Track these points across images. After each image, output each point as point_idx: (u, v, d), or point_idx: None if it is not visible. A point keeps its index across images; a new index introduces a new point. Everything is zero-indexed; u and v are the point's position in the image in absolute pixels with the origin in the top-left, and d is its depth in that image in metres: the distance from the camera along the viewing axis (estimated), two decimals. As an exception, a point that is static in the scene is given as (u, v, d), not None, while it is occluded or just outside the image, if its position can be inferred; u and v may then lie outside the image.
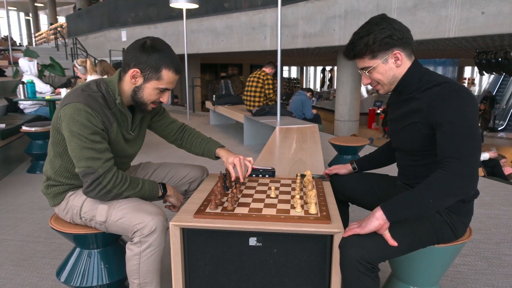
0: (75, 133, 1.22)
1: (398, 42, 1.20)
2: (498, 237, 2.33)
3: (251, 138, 4.99)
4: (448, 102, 1.12)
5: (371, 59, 1.23)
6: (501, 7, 5.04)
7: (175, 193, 1.50)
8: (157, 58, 1.28)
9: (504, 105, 16.83)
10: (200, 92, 12.64)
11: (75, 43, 12.29)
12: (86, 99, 1.25)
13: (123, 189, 1.31)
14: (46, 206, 2.76)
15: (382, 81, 1.27)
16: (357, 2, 6.81)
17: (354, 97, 9.11)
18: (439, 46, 8.23)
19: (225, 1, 9.94)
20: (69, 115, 1.22)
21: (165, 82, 1.33)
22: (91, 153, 1.24)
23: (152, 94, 1.34)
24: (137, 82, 1.32)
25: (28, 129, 3.62)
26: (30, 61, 4.91)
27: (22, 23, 31.40)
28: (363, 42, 1.20)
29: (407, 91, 1.27)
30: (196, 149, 1.66)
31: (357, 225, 1.11)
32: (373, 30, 1.19)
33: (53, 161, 1.38)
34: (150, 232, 1.26)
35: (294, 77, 30.18)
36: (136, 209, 1.30)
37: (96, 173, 1.25)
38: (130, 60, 1.30)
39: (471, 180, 1.05)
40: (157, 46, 1.30)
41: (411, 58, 1.25)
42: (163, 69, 1.30)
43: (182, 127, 1.70)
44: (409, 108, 1.26)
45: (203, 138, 1.67)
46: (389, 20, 1.21)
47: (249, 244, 1.20)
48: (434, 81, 1.20)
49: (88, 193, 1.28)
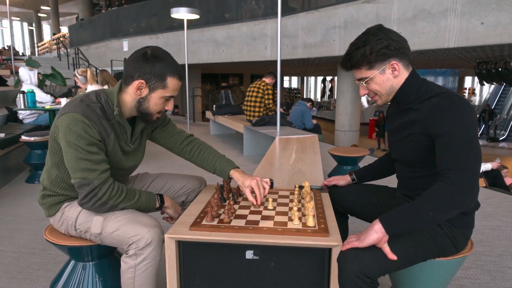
0: (71, 143, 1.21)
1: (395, 53, 1.19)
2: (500, 249, 2.29)
3: (251, 148, 4.97)
4: (447, 113, 1.11)
5: (368, 69, 1.22)
6: (500, 17, 5.07)
7: (173, 204, 1.48)
8: (161, 67, 1.27)
9: (505, 115, 16.83)
10: (200, 102, 12.68)
11: (77, 53, 12.38)
12: (84, 109, 1.24)
13: (119, 200, 1.29)
14: (44, 216, 2.72)
15: (379, 92, 1.25)
16: (357, 12, 6.86)
17: (355, 107, 9.12)
18: (439, 56, 8.26)
19: (226, 12, 10.04)
20: (66, 125, 1.21)
21: (170, 90, 1.32)
22: (87, 164, 1.22)
23: (158, 104, 1.33)
24: (143, 93, 1.31)
25: (27, 138, 3.61)
26: (30, 70, 4.93)
27: (26, 33, 31.70)
28: (360, 52, 1.19)
29: (406, 102, 1.25)
30: (208, 166, 1.56)
31: (356, 238, 1.09)
32: (370, 40, 1.19)
33: (50, 170, 1.36)
34: (145, 245, 1.24)
35: (295, 87, 30.31)
36: (132, 221, 1.28)
37: (92, 185, 1.23)
38: (133, 72, 1.28)
39: (471, 192, 1.03)
40: (159, 55, 1.29)
41: (408, 69, 1.24)
42: (168, 77, 1.29)
43: (188, 139, 1.61)
44: (407, 119, 1.24)
45: (215, 154, 1.58)
46: (385, 30, 1.20)
47: (245, 258, 1.17)
48: (432, 91, 1.19)
49: (83, 205, 1.27)
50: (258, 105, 4.83)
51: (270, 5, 8.81)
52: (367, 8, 6.70)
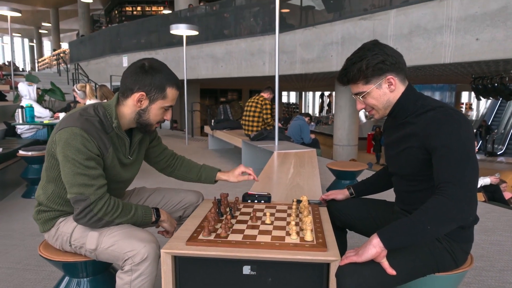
0: (69, 158, 1.20)
1: (391, 67, 1.20)
2: (501, 264, 2.27)
3: (249, 163, 4.96)
4: (443, 127, 1.11)
5: (365, 84, 1.23)
6: (494, 33, 5.14)
7: (168, 218, 1.46)
8: (160, 78, 1.29)
9: (502, 130, 16.91)
10: (199, 117, 12.71)
11: (77, 69, 12.47)
12: (83, 123, 1.24)
13: (114, 216, 1.28)
14: (39, 232, 2.70)
15: (376, 106, 1.26)
16: (354, 29, 6.96)
17: (352, 122, 9.15)
18: (436, 71, 8.35)
19: (225, 29, 10.17)
20: (64, 139, 1.21)
21: (170, 100, 1.34)
22: (84, 179, 1.21)
23: (158, 114, 1.35)
24: (143, 105, 1.32)
25: (24, 153, 3.60)
26: (29, 85, 4.95)
27: (26, 48, 31.99)
28: (356, 67, 1.21)
29: (402, 116, 1.26)
30: (193, 175, 1.70)
31: (354, 253, 1.08)
32: (366, 55, 1.20)
33: (46, 186, 1.35)
34: (141, 260, 1.22)
35: (293, 102, 30.47)
36: (128, 236, 1.26)
37: (88, 200, 1.22)
38: (133, 85, 1.29)
39: (469, 205, 1.03)
40: (157, 66, 1.31)
41: (404, 83, 1.25)
42: (168, 88, 1.31)
43: (173, 155, 1.72)
44: (404, 133, 1.25)
45: (197, 164, 1.74)
46: (381, 45, 1.22)
47: (243, 273, 1.16)
48: (428, 105, 1.20)
49: (79, 220, 1.25)
50: (256, 119, 4.84)
51: (268, 21, 8.93)
52: (363, 25, 6.80)
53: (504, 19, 5.03)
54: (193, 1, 12.15)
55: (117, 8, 21.14)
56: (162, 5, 20.01)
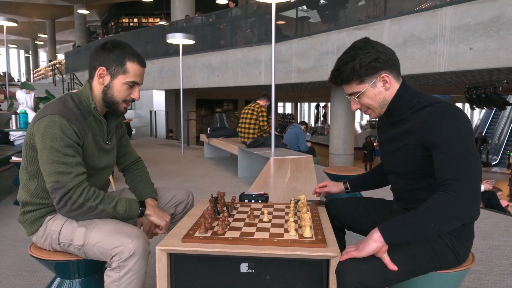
0: (47, 146, 1.19)
1: (384, 65, 1.17)
2: (501, 268, 2.24)
3: (245, 170, 4.93)
4: (442, 122, 1.09)
5: (359, 84, 1.19)
6: (488, 43, 5.21)
7: (156, 211, 1.41)
8: (119, 53, 1.31)
9: (496, 140, 17.04)
10: (195, 126, 12.69)
11: (72, 78, 12.46)
12: (62, 110, 1.24)
13: (96, 202, 1.25)
14: (30, 238, 2.64)
15: (372, 106, 1.23)
16: (349, 38, 7.02)
17: (348, 131, 9.17)
18: (430, 81, 8.43)
19: (221, 39, 10.24)
20: (42, 128, 1.20)
21: (131, 75, 1.33)
22: (61, 167, 1.19)
23: (122, 90, 1.34)
24: (105, 81, 1.33)
25: (17, 159, 3.54)
26: (27, 93, 4.92)
27: (22, 60, 31.98)
28: (349, 67, 1.17)
29: (398, 113, 1.23)
30: (133, 185, 1.59)
31: (355, 248, 1.05)
32: (358, 54, 1.17)
33: (28, 184, 1.31)
34: (129, 256, 1.18)
35: (289, 113, 30.60)
36: (115, 232, 1.22)
37: (65, 188, 1.19)
38: (94, 62, 1.32)
39: (474, 202, 1.00)
40: (118, 43, 1.34)
41: (399, 80, 1.22)
42: (127, 62, 1.32)
43: (135, 162, 1.65)
44: (400, 130, 1.22)
45: (147, 182, 1.59)
46: (373, 43, 1.19)
47: (240, 271, 1.12)
48: (424, 101, 1.17)
49: (60, 210, 1.23)
50: (252, 127, 4.83)
51: (264, 32, 9.01)
52: (358, 34, 6.87)
53: (497, 29, 5.10)
54: (189, 12, 12.24)
55: (114, 19, 21.27)
56: (158, 16, 20.15)
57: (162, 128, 11.71)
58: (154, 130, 11.63)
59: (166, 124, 11.60)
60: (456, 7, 5.50)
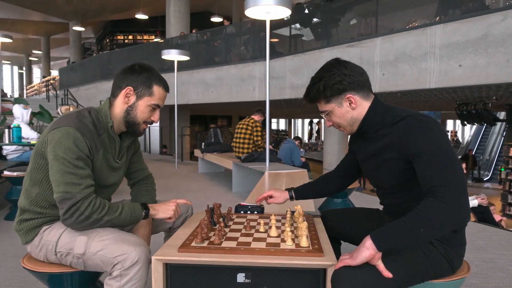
0: (59, 157, 1.20)
1: (349, 86, 1.21)
2: (496, 281, 2.25)
3: (240, 184, 4.92)
4: (419, 133, 1.12)
5: (326, 103, 1.26)
6: (476, 60, 5.34)
7: (159, 208, 1.42)
8: (147, 76, 1.36)
9: (487, 156, 17.22)
10: (189, 142, 12.69)
11: (66, 94, 12.46)
12: (78, 124, 1.25)
13: (102, 213, 1.24)
14: (21, 253, 2.59)
15: (341, 124, 1.29)
16: (342, 55, 7.12)
17: (342, 147, 9.23)
18: (422, 97, 8.56)
19: (216, 56, 10.35)
20: (56, 139, 1.21)
21: (156, 98, 1.37)
22: (71, 178, 1.20)
23: (145, 112, 1.37)
24: (130, 101, 1.35)
25: (10, 173, 3.51)
26: (24, 108, 4.91)
27: (15, 76, 31.94)
28: (316, 88, 1.24)
29: (373, 129, 1.26)
30: (134, 195, 1.60)
31: (349, 257, 1.06)
32: (324, 76, 1.23)
33: (29, 190, 1.32)
34: (131, 264, 1.17)
35: (283, 129, 30.74)
36: (118, 240, 1.22)
37: (74, 199, 1.19)
38: (121, 82, 1.35)
39: (462, 206, 1.01)
40: (146, 67, 1.38)
41: (369, 99, 1.26)
42: (154, 85, 1.36)
43: (146, 178, 1.66)
44: (379, 146, 1.25)
45: (151, 195, 1.61)
46: (340, 64, 1.23)
47: (237, 281, 1.12)
48: (398, 116, 1.21)
49: (66, 221, 1.21)
50: (247, 141, 4.85)
51: (258, 48, 9.14)
52: (351, 52, 7.00)
53: (485, 46, 5.24)
54: (184, 29, 12.40)
55: (109, 36, 21.43)
56: (153, 34, 20.35)
57: (156, 143, 11.69)
58: (148, 145, 11.60)
59: (160, 140, 11.59)
60: (445, 26, 5.66)
